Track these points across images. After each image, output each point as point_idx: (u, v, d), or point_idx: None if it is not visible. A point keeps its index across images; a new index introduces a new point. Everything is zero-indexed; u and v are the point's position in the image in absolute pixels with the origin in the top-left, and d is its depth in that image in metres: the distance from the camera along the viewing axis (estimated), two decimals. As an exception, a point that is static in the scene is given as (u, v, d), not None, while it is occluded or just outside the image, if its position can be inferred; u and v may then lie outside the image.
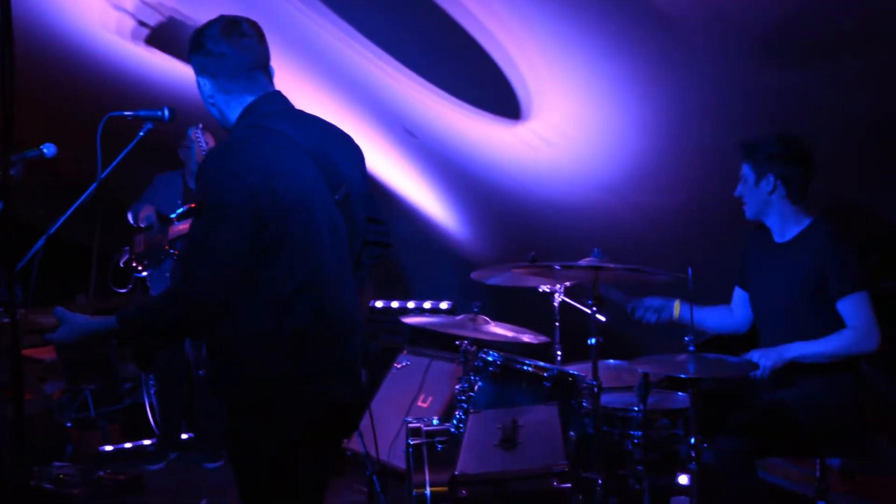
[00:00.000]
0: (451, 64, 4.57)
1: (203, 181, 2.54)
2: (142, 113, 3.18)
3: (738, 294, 4.11)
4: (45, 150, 3.97)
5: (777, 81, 3.78)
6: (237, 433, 2.63)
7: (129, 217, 5.62)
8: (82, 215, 3.12)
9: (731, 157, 3.88)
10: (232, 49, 2.64)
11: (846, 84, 3.67)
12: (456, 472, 2.74)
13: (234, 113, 2.71)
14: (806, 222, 3.78)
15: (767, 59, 3.67)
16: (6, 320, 1.63)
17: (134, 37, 5.43)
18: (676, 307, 4.07)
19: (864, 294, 3.60)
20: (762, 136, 3.80)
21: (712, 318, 4.13)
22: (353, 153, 2.85)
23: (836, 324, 3.61)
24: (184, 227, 5.47)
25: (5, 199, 1.56)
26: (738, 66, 3.77)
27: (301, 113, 2.78)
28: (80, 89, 5.96)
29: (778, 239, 3.84)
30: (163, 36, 5.33)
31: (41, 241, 2.98)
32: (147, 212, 5.54)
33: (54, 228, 3.14)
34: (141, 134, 3.21)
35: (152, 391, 6.29)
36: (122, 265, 5.66)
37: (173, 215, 5.51)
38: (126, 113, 3.16)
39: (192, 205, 5.38)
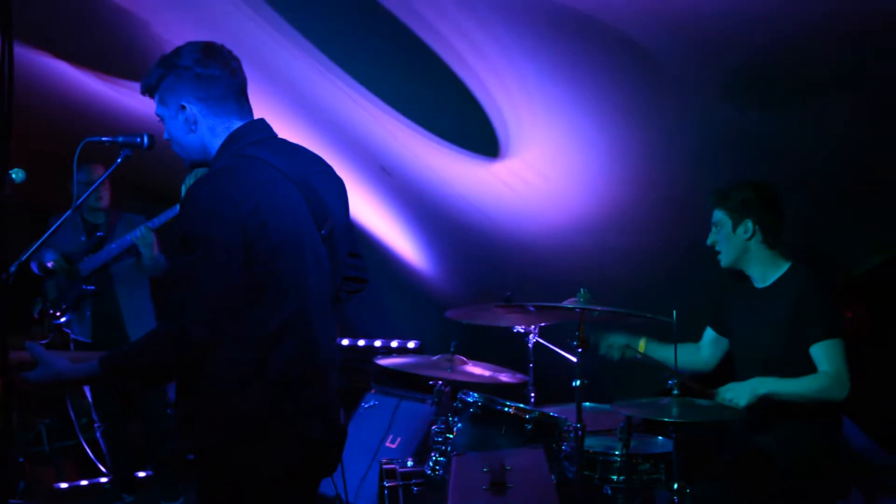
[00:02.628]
0: (432, 100, 4.53)
1: (189, 214, 2.40)
2: (120, 139, 3.07)
3: (709, 335, 4.08)
4: (13, 176, 3.86)
5: (747, 126, 3.79)
6: (212, 473, 2.49)
7: (34, 267, 5.49)
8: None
9: (705, 199, 3.87)
10: (222, 71, 2.55)
11: (815, 130, 3.69)
12: (447, 517, 2.64)
13: (217, 139, 2.58)
14: (784, 267, 3.76)
15: (736, 103, 3.68)
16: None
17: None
18: (641, 344, 4.02)
19: (838, 341, 3.56)
20: (732, 184, 3.79)
21: (679, 356, 4.08)
22: (337, 185, 2.73)
23: (813, 369, 3.59)
24: (96, 261, 5.46)
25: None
26: (708, 109, 3.77)
27: (285, 142, 2.66)
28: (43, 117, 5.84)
29: (758, 285, 3.82)
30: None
31: (12, 268, 2.87)
32: (52, 256, 5.43)
33: (26, 256, 3.04)
34: (119, 161, 3.11)
35: (98, 433, 6.13)
36: (36, 316, 5.55)
37: (78, 255, 5.49)
38: (104, 139, 3.06)
39: (96, 238, 5.39)
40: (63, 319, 5.50)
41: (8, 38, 1.43)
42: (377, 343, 6.41)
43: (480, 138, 4.48)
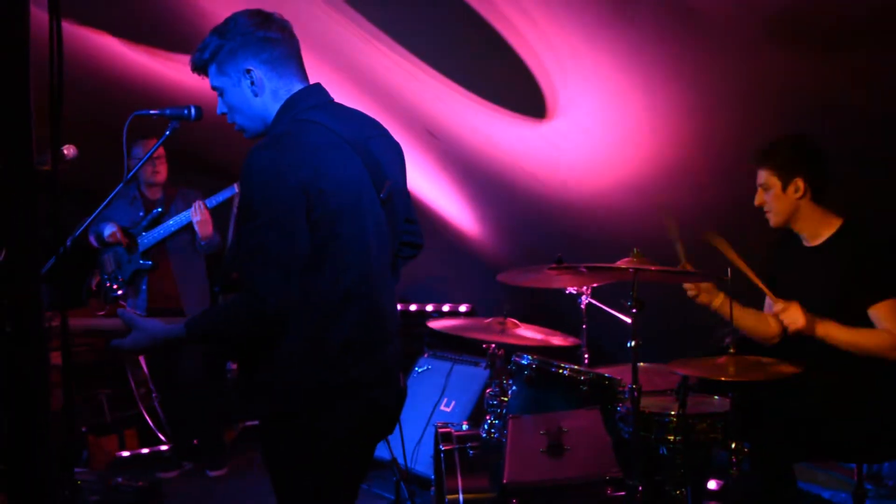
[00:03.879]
0: (476, 61, 4.49)
1: (250, 180, 2.39)
2: (168, 112, 3.09)
3: (769, 304, 4.02)
4: (64, 152, 3.91)
5: (791, 75, 3.69)
6: (278, 440, 2.53)
7: (92, 239, 5.60)
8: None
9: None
10: (281, 33, 2.56)
11: (859, 78, 3.59)
12: (505, 481, 2.65)
13: (277, 104, 2.57)
14: (837, 224, 3.68)
15: (779, 52, 3.58)
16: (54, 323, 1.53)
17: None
18: (720, 296, 3.93)
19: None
20: (774, 141, 3.71)
21: (750, 319, 4.01)
22: (394, 149, 2.72)
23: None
24: (154, 236, 5.55)
25: (54, 195, 1.49)
26: (750, 59, 3.68)
27: (341, 107, 2.65)
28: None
29: (808, 243, 3.75)
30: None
31: (68, 242, 2.90)
32: (111, 229, 5.54)
33: (80, 230, 3.08)
34: (167, 133, 3.13)
35: (156, 402, 6.24)
36: (94, 287, 5.64)
37: (136, 230, 5.58)
38: (152, 112, 3.08)
39: (155, 214, 5.46)
40: (120, 292, 5.59)
41: (56, 16, 1.43)
42: (429, 308, 6.43)
43: (527, 100, 4.44)
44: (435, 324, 4.32)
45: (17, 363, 1.38)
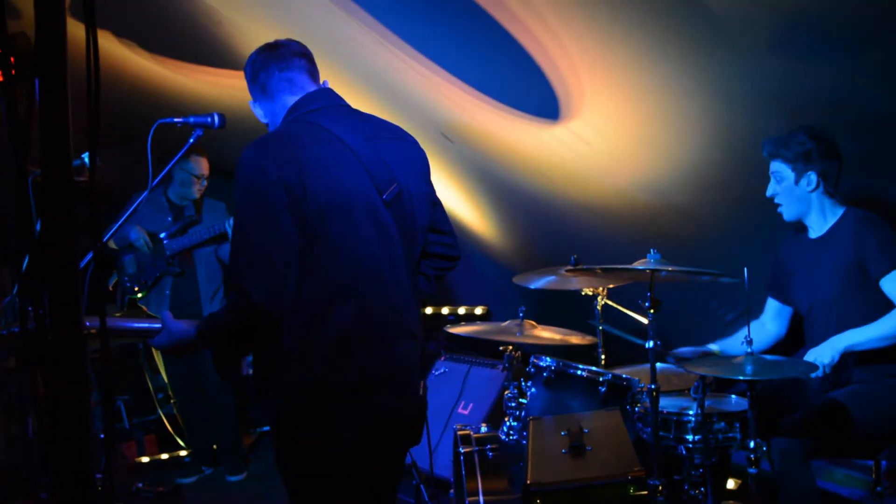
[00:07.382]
0: (488, 64, 4.50)
1: (238, 177, 2.43)
2: (192, 120, 3.15)
3: (771, 305, 4.05)
4: (86, 159, 3.94)
5: (802, 76, 3.69)
6: (282, 441, 2.53)
7: (114, 241, 5.60)
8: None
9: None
10: (266, 61, 2.68)
11: (872, 78, 3.58)
12: (528, 481, 2.67)
13: (277, 119, 2.71)
14: (840, 212, 3.72)
15: (790, 52, 3.58)
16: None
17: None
18: (716, 352, 4.04)
19: None
20: (790, 132, 3.73)
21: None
22: (410, 154, 2.73)
23: (884, 308, 3.54)
24: (182, 243, 5.55)
25: (92, 204, 1.52)
26: (762, 59, 3.67)
27: (350, 111, 2.68)
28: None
29: (814, 235, 3.78)
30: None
31: (92, 253, 2.94)
32: (138, 233, 5.54)
33: (108, 236, 3.12)
34: (191, 141, 3.18)
35: (175, 407, 6.26)
36: (111, 289, 5.67)
37: (163, 234, 5.57)
38: (176, 119, 3.14)
39: (187, 220, 5.48)
40: (140, 294, 5.61)
41: (92, 27, 1.47)
42: (444, 310, 6.46)
43: (540, 101, 4.45)
44: (453, 330, 4.33)
45: (58, 371, 1.41)
